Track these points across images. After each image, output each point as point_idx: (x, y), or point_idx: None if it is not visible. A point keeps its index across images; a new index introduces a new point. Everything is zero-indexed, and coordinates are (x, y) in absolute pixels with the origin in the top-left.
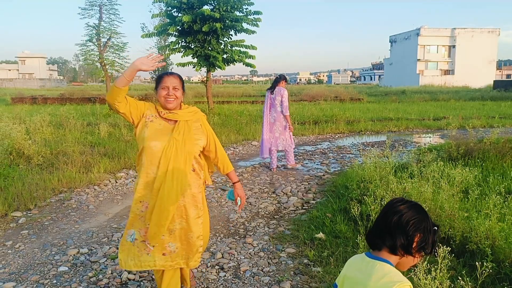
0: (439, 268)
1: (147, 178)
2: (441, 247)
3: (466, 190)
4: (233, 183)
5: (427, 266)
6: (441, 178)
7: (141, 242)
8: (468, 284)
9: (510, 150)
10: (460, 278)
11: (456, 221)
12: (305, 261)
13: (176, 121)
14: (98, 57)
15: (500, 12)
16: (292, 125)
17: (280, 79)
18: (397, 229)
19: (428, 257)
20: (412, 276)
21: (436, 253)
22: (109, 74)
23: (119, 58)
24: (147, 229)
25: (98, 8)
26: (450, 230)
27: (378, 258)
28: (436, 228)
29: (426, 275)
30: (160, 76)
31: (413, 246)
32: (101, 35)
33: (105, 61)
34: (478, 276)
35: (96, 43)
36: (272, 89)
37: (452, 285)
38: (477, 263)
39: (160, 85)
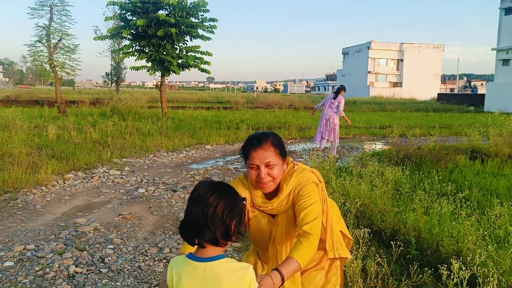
0: (360, 248)
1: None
2: (362, 228)
3: (399, 189)
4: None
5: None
6: (377, 177)
7: None
8: (384, 261)
9: (445, 156)
10: (377, 255)
11: (387, 215)
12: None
13: None
14: (47, 59)
15: (444, 30)
16: (349, 120)
17: (341, 89)
18: (214, 220)
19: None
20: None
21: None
22: (59, 76)
23: (69, 60)
24: None
25: (49, 8)
26: (382, 223)
27: (211, 258)
28: (244, 202)
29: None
30: (247, 148)
31: (232, 232)
32: (51, 36)
33: (55, 63)
34: (393, 254)
35: (46, 44)
36: (335, 95)
37: (369, 261)
38: (392, 243)
39: (248, 161)
